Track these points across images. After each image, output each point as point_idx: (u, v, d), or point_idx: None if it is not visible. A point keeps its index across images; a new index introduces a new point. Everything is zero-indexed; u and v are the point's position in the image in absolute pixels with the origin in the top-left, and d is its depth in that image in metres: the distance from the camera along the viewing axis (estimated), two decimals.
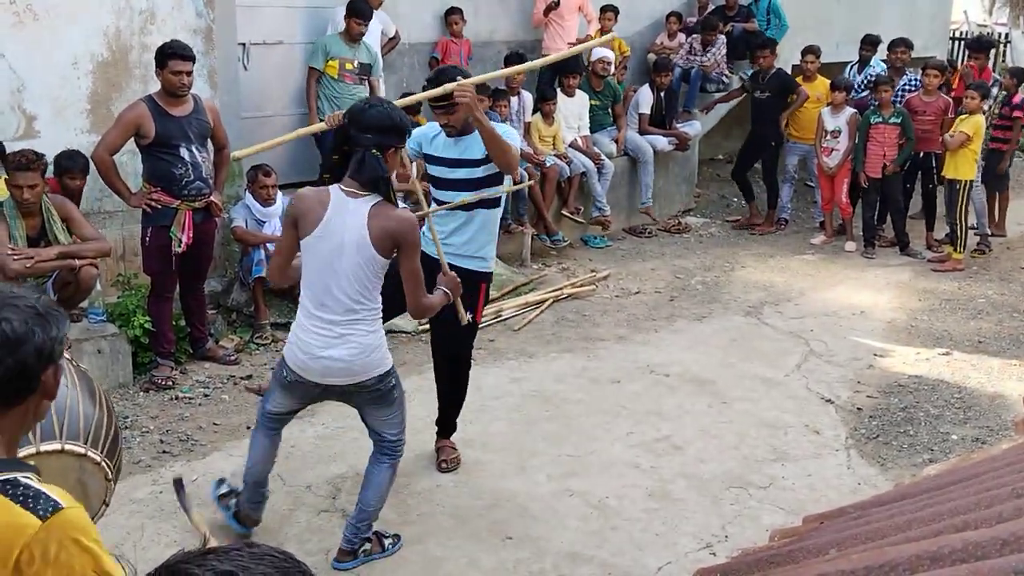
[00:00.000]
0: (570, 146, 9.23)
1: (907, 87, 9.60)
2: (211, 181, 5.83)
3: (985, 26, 21.25)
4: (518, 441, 5.32)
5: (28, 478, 1.77)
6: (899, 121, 8.97)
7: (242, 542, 1.34)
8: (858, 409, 5.88)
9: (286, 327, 6.68)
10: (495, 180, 4.59)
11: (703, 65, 10.47)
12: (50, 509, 1.72)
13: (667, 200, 10.35)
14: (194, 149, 5.65)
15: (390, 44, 8.41)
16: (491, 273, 4.83)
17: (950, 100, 9.27)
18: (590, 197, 9.28)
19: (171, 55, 5.48)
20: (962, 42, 16.32)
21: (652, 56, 10.59)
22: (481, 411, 5.68)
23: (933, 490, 2.19)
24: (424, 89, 4.69)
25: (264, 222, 6.68)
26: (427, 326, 4.37)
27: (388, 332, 6.71)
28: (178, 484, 4.18)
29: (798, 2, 11.37)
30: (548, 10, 9.29)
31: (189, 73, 5.54)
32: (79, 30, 6.16)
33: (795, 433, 5.53)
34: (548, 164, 8.84)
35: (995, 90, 9.49)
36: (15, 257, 5.19)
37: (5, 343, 1.75)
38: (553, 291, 7.81)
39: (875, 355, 6.74)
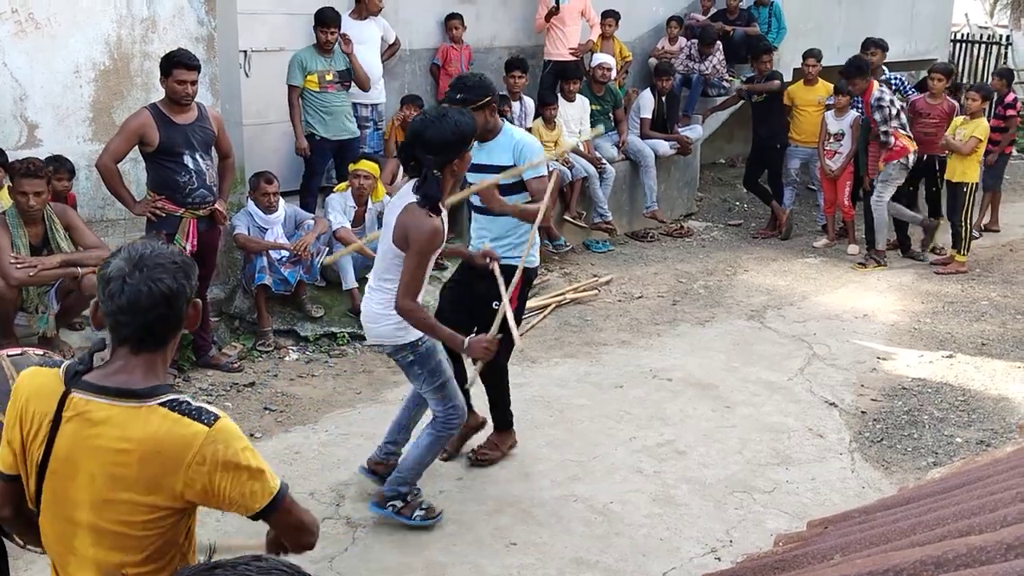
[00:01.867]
0: (572, 151, 9.23)
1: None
2: (215, 189, 5.85)
3: (986, 28, 21.24)
4: (521, 446, 5.31)
5: (188, 397, 2.13)
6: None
7: (249, 555, 1.36)
8: (862, 412, 5.87)
9: (289, 334, 6.70)
10: (521, 184, 4.83)
11: (703, 72, 10.48)
12: (212, 419, 2.07)
13: (669, 204, 10.35)
14: (198, 157, 5.66)
15: (390, 50, 8.41)
16: (530, 269, 4.92)
17: (955, 103, 9.27)
18: (592, 202, 9.28)
19: (176, 64, 5.49)
20: (963, 44, 16.30)
21: (653, 60, 10.59)
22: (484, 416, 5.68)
23: (937, 494, 2.19)
24: (446, 99, 4.72)
25: (266, 229, 6.68)
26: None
27: None
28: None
29: (799, 5, 11.39)
30: (549, 15, 9.30)
31: (194, 82, 5.56)
32: (81, 38, 6.17)
33: (798, 437, 5.52)
34: (550, 169, 8.83)
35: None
36: (18, 266, 5.20)
37: (164, 300, 2.06)
38: (555, 296, 7.81)
39: (878, 358, 6.73)
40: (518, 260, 4.60)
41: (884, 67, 10.10)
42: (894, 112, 8.58)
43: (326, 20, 7.41)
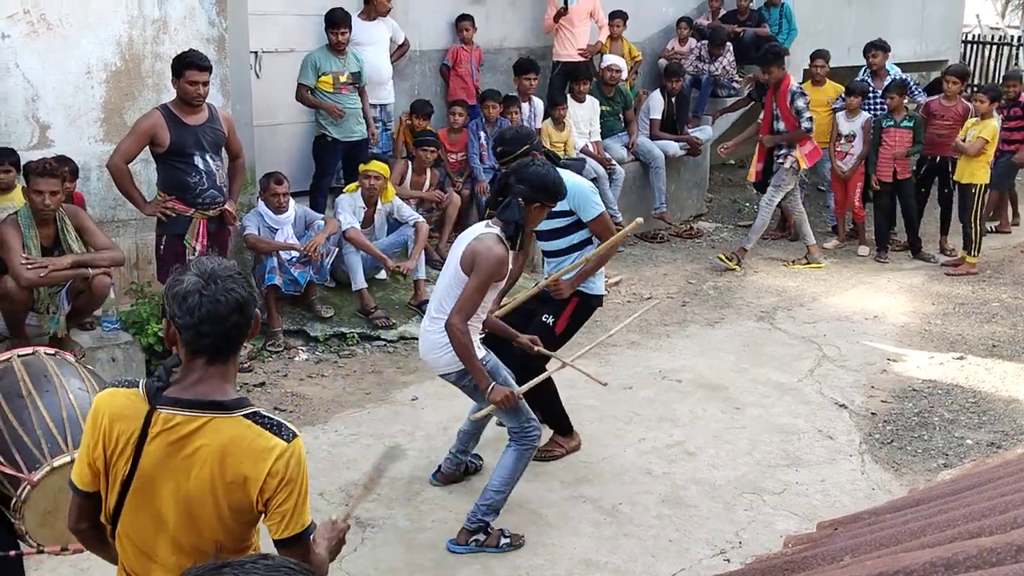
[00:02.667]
0: (581, 151, 9.23)
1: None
2: (225, 190, 5.86)
3: (998, 29, 21.17)
4: None
5: (267, 411, 2.27)
6: (911, 125, 8.95)
7: (257, 555, 1.39)
8: (872, 414, 5.86)
9: (298, 334, 6.71)
10: (580, 224, 5.03)
11: (712, 73, 10.47)
12: (291, 435, 2.22)
13: (679, 205, 10.33)
14: (208, 158, 5.69)
15: (400, 51, 8.42)
16: (588, 295, 5.12)
17: (969, 105, 9.23)
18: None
19: (188, 65, 5.51)
20: (974, 45, 16.24)
21: (663, 61, 10.58)
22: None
23: (948, 496, 2.18)
24: (498, 152, 5.02)
25: (276, 229, 6.70)
26: None
27: (401, 338, 6.79)
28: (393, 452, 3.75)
29: (809, 7, 11.36)
30: (558, 16, 9.30)
31: (206, 83, 5.58)
32: (92, 39, 6.20)
33: (808, 438, 5.51)
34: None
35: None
36: (29, 266, 5.22)
37: (238, 307, 2.19)
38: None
39: (889, 360, 6.72)
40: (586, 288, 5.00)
41: (892, 67, 10.09)
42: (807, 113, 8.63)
43: (336, 21, 7.43)
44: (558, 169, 4.53)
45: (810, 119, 8.58)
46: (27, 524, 2.91)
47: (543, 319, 4.95)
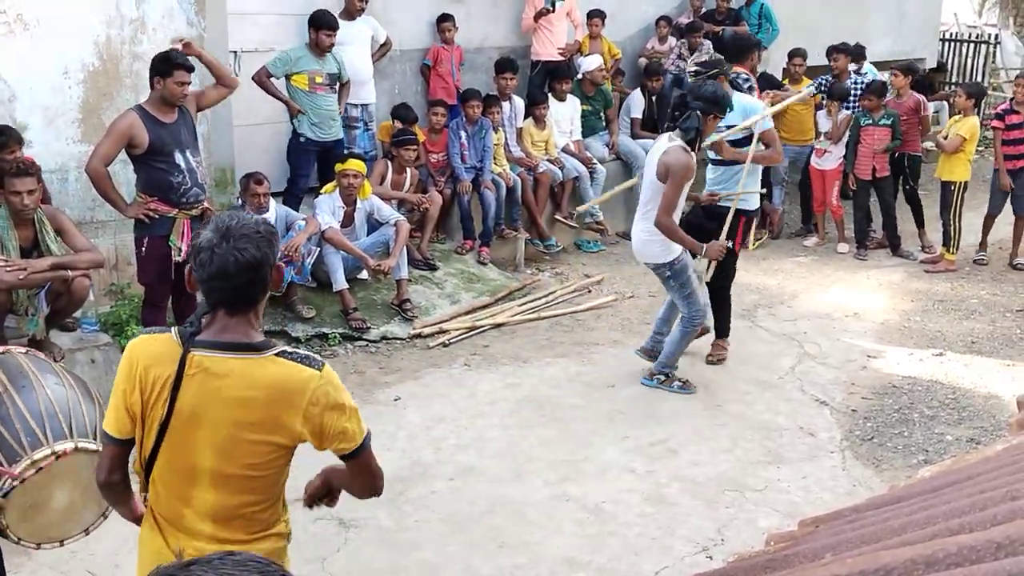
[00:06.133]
0: (562, 151, 9.24)
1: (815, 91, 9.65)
2: (206, 187, 5.82)
3: (975, 27, 21.31)
4: (513, 447, 5.32)
5: (291, 348, 2.38)
6: (890, 123, 9.01)
7: (224, 552, 1.40)
8: (852, 411, 5.89)
9: (280, 334, 6.69)
10: (749, 139, 6.17)
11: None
12: (320, 364, 2.34)
13: None
14: (188, 155, 5.65)
15: (381, 50, 8.39)
16: (751, 210, 6.36)
17: (920, 98, 9.41)
18: (583, 202, 9.28)
19: (178, 66, 5.46)
20: (952, 43, 16.35)
21: (643, 61, 10.60)
22: (476, 417, 5.69)
23: (928, 492, 2.20)
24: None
25: None
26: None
27: (383, 338, 6.78)
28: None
29: (786, 6, 11.39)
30: (539, 16, 9.30)
31: (189, 84, 5.56)
32: (70, 39, 6.15)
33: (790, 435, 5.54)
34: (541, 169, 8.86)
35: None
36: (8, 268, 5.17)
37: (249, 267, 2.26)
38: (570, 311, 7.80)
39: (869, 356, 6.76)
40: (738, 202, 6.07)
41: (870, 67, 10.19)
42: None
43: (328, 24, 7.38)
44: (736, 92, 6.19)
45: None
46: (7, 518, 2.90)
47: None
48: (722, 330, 6.60)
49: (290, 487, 2.57)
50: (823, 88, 9.66)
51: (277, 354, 2.33)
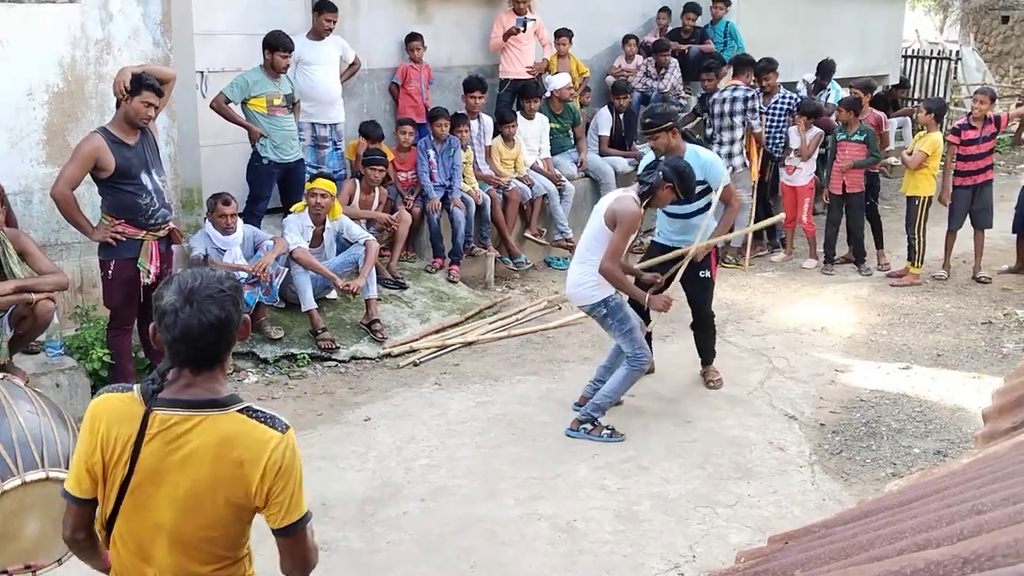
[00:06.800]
0: (531, 168, 9.27)
1: (780, 106, 9.76)
2: (171, 206, 5.77)
3: (936, 44, 21.63)
4: (485, 465, 5.31)
5: (257, 405, 2.35)
6: (863, 139, 9.10)
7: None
8: (821, 425, 5.93)
9: (248, 356, 6.64)
10: (707, 191, 6.11)
11: (661, 91, 10.57)
12: (284, 426, 2.31)
13: None
14: (155, 175, 5.60)
15: (350, 70, 8.39)
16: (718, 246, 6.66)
17: (880, 115, 9.65)
18: (552, 219, 9.31)
19: (147, 86, 5.38)
20: (914, 60, 16.59)
21: (611, 79, 10.68)
22: (448, 436, 5.67)
23: (895, 507, 2.21)
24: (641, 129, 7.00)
25: (224, 251, 6.62)
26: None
27: (353, 358, 6.75)
28: None
29: (753, 23, 11.53)
30: (508, 35, 9.34)
31: (156, 107, 5.49)
32: (34, 60, 6.10)
33: (759, 450, 5.56)
34: (510, 187, 8.88)
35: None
36: None
37: (213, 329, 2.23)
38: (540, 328, 7.80)
39: (836, 371, 6.81)
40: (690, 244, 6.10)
41: (834, 85, 10.42)
42: None
43: (284, 45, 7.31)
44: (692, 144, 6.29)
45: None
46: None
47: (700, 275, 6.24)
48: (707, 359, 6.58)
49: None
50: (792, 105, 9.75)
51: (241, 410, 2.30)
